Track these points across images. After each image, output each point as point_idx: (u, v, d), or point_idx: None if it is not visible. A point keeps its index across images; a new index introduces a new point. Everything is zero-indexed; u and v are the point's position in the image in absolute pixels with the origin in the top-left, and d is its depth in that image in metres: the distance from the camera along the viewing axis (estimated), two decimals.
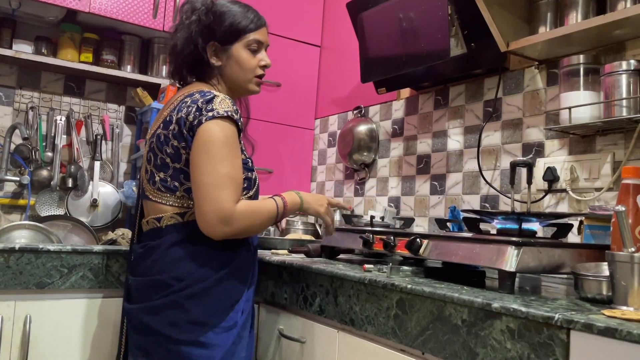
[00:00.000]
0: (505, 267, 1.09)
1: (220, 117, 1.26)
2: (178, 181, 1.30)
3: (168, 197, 1.32)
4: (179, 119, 1.29)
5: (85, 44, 2.35)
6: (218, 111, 1.26)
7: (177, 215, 1.31)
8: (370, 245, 1.49)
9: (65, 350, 1.55)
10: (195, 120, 1.26)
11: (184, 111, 1.29)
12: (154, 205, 1.34)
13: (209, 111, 1.26)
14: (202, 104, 1.27)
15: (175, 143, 1.29)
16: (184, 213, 1.31)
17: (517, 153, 1.82)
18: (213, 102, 1.27)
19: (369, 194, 2.44)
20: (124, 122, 2.54)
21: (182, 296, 1.25)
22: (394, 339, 1.17)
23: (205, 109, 1.26)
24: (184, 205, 1.31)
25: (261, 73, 1.44)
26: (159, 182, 1.32)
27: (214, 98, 1.28)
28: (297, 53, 2.76)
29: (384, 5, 2.02)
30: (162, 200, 1.32)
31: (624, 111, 1.41)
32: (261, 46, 1.44)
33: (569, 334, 0.85)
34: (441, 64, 1.87)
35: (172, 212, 1.31)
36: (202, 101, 1.28)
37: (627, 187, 1.04)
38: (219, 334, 1.26)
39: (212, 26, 1.38)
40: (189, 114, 1.27)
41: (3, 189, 2.25)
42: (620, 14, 1.38)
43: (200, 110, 1.26)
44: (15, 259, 1.48)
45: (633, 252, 0.93)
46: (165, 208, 1.32)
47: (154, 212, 1.34)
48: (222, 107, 1.27)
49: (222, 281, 1.29)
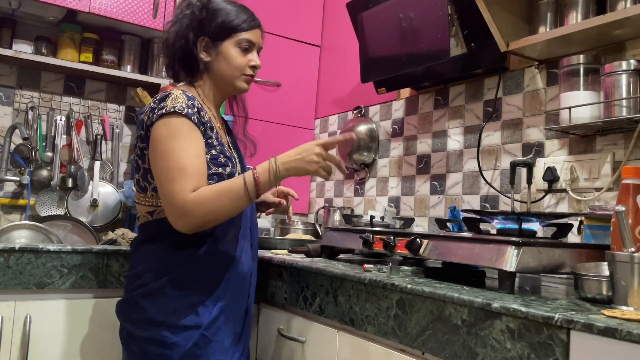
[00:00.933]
0: (505, 267, 1.09)
1: (167, 113, 1.26)
2: (146, 181, 1.34)
3: (142, 197, 1.36)
4: (140, 121, 1.34)
5: (85, 44, 2.35)
6: (167, 108, 1.27)
7: (147, 214, 1.35)
8: (370, 245, 1.49)
9: (65, 350, 1.55)
10: (149, 121, 1.29)
11: (144, 113, 1.33)
12: (136, 205, 1.40)
13: (159, 109, 1.27)
14: (155, 104, 1.30)
15: (140, 144, 1.34)
16: (152, 212, 1.35)
17: (517, 153, 1.82)
18: (165, 100, 1.29)
19: (369, 194, 2.44)
20: (124, 122, 2.54)
21: (138, 294, 1.30)
22: (394, 339, 1.17)
23: (158, 107, 1.28)
24: (153, 204, 1.34)
25: (250, 73, 1.43)
26: (136, 183, 1.38)
27: (168, 96, 1.29)
28: (297, 53, 2.76)
29: (384, 5, 2.02)
30: (139, 200, 1.38)
31: (624, 111, 1.41)
32: (252, 46, 1.43)
33: (569, 334, 0.85)
34: (441, 64, 1.87)
35: (144, 212, 1.36)
36: (156, 100, 1.30)
37: (627, 187, 1.04)
38: (176, 333, 1.26)
39: (205, 21, 1.39)
40: (146, 115, 1.31)
41: (3, 189, 2.25)
42: (620, 14, 1.38)
43: (153, 110, 1.29)
44: (15, 259, 1.48)
45: (633, 252, 0.93)
46: (140, 208, 1.38)
47: (138, 211, 1.41)
48: (172, 104, 1.27)
49: (177, 281, 1.29)
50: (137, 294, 1.30)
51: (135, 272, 1.33)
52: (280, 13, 2.69)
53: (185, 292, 1.29)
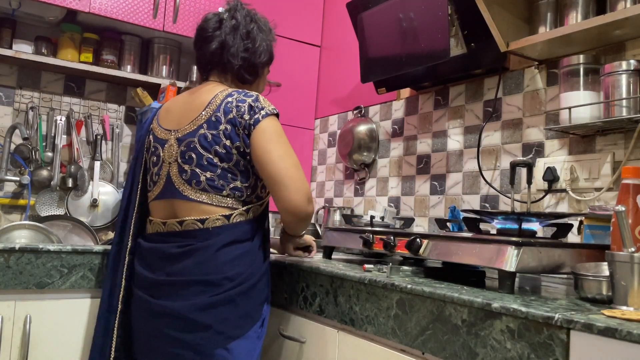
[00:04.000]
0: (505, 267, 1.09)
1: (273, 114, 1.38)
2: (225, 180, 1.35)
3: (214, 196, 1.35)
4: (231, 119, 1.35)
5: (85, 44, 2.35)
6: (269, 109, 1.37)
7: (223, 217, 1.34)
8: (370, 245, 1.49)
9: (65, 350, 1.55)
10: (252, 119, 1.34)
11: (233, 112, 1.35)
12: (194, 205, 1.35)
13: (261, 109, 1.36)
14: (252, 103, 1.36)
15: (228, 143, 1.34)
16: (229, 215, 1.35)
17: (517, 153, 1.82)
18: (259, 100, 1.38)
19: (369, 194, 2.44)
20: (124, 122, 2.54)
21: (234, 293, 1.31)
22: (394, 339, 1.17)
23: (257, 107, 1.36)
24: (229, 206, 1.35)
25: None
26: (204, 181, 1.34)
27: (258, 97, 1.39)
28: (297, 53, 2.76)
29: (384, 5, 2.02)
30: (208, 200, 1.35)
31: (624, 111, 1.41)
32: None
33: (569, 334, 0.85)
34: (441, 64, 1.87)
35: (218, 214, 1.34)
36: (251, 100, 1.37)
37: (627, 187, 1.04)
38: (256, 329, 1.36)
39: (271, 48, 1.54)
40: (243, 114, 1.35)
41: (3, 189, 2.25)
42: (620, 14, 1.38)
43: (253, 109, 1.35)
44: (15, 259, 1.48)
45: (633, 252, 0.93)
46: (210, 209, 1.34)
47: (195, 212, 1.35)
48: (269, 105, 1.39)
49: (263, 276, 1.39)
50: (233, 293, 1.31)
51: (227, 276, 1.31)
52: (280, 13, 2.69)
53: (265, 286, 1.41)
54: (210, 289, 1.30)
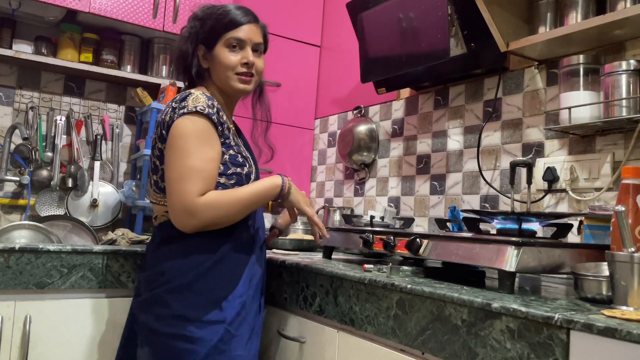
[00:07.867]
0: (505, 267, 1.09)
1: (189, 112, 1.30)
2: (163, 181, 1.35)
3: (160, 197, 1.39)
4: (160, 121, 1.36)
5: (85, 44, 2.35)
6: (188, 107, 1.30)
7: (166, 214, 1.37)
8: (370, 245, 1.49)
9: (65, 350, 1.55)
10: (170, 120, 1.32)
11: (163, 113, 1.36)
12: (153, 206, 1.44)
13: (181, 109, 1.31)
14: (176, 103, 1.33)
15: (160, 145, 1.36)
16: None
17: (517, 153, 1.82)
18: (186, 100, 1.32)
19: (369, 194, 2.44)
20: (124, 122, 2.54)
21: (163, 290, 1.30)
22: (394, 339, 1.17)
23: (179, 107, 1.32)
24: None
25: (242, 70, 1.41)
26: (154, 184, 1.41)
27: (188, 96, 1.33)
28: (297, 53, 2.76)
29: (384, 5, 2.02)
30: (156, 201, 1.40)
31: (624, 111, 1.41)
32: (243, 44, 1.41)
33: (569, 334, 0.85)
34: (441, 64, 1.87)
35: (162, 211, 1.38)
36: (177, 100, 1.34)
37: (627, 187, 1.04)
38: (201, 328, 1.27)
39: (199, 31, 1.43)
40: (166, 115, 1.34)
41: (3, 189, 2.25)
42: (620, 14, 1.38)
43: (174, 109, 1.32)
44: (15, 259, 1.48)
45: (633, 252, 0.93)
46: (157, 208, 1.40)
47: (154, 212, 1.43)
48: (193, 104, 1.31)
49: (202, 276, 1.31)
50: (162, 291, 1.30)
51: (158, 271, 1.33)
52: (280, 13, 2.69)
53: (210, 288, 1.31)
54: (148, 284, 1.35)
